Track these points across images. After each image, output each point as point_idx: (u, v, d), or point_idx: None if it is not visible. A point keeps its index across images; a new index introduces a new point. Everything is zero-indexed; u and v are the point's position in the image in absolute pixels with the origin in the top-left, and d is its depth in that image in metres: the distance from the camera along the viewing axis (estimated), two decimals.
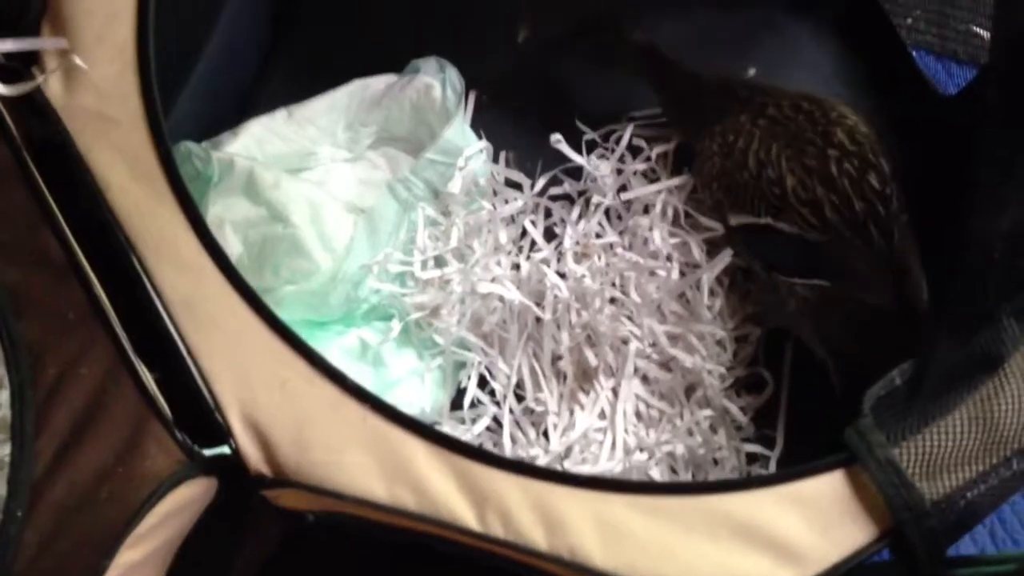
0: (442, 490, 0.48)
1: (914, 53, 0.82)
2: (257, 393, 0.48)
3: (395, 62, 0.80)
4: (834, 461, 0.50)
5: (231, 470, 0.49)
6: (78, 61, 0.51)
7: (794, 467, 0.49)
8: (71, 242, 0.48)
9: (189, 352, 0.48)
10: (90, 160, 0.51)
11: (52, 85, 0.52)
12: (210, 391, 0.48)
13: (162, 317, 0.48)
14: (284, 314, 0.69)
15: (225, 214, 0.70)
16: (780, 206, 0.67)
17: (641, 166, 0.80)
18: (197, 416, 0.48)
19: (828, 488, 0.49)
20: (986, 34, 0.58)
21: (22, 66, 0.52)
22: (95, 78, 0.52)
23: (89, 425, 0.45)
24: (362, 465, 0.48)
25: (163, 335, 0.48)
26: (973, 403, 0.48)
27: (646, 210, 0.78)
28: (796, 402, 0.73)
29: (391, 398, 0.70)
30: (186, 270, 0.50)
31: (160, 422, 0.47)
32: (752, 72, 0.82)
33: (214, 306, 0.49)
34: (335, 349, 0.72)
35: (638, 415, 0.73)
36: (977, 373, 0.49)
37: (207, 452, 0.48)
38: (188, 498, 0.49)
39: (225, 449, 0.48)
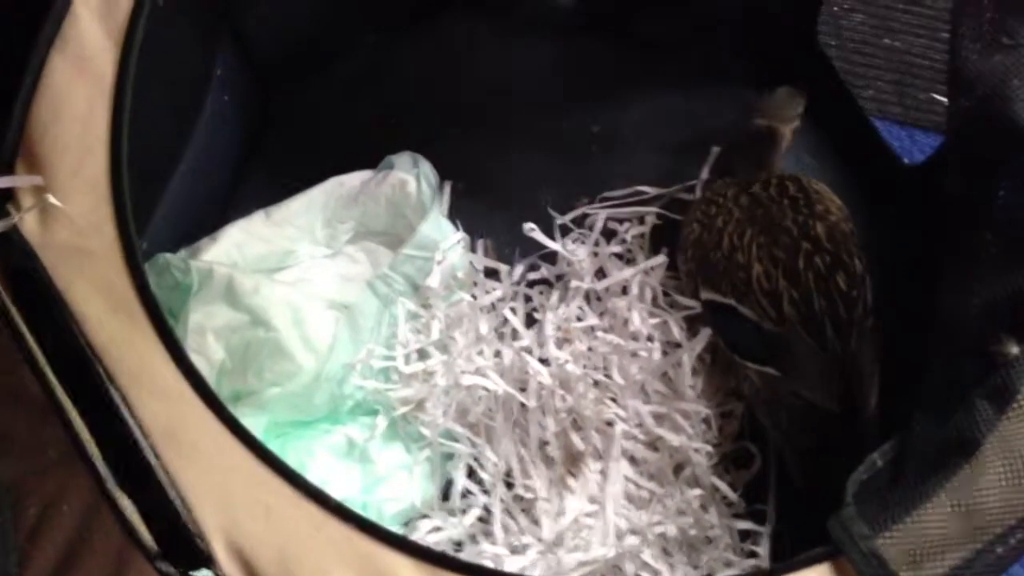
0: None
1: (878, 123, 0.84)
2: (240, 519, 0.48)
3: (369, 158, 0.82)
4: (820, 554, 0.50)
5: None
6: (53, 200, 0.52)
7: (780, 563, 0.49)
8: (50, 380, 0.48)
9: (171, 481, 0.48)
10: (67, 294, 0.51)
11: (28, 222, 0.53)
12: (193, 519, 0.48)
13: (143, 448, 0.48)
14: (269, 416, 0.70)
15: (206, 322, 0.70)
16: (744, 291, 0.68)
17: (617, 248, 0.81)
18: (181, 542, 0.48)
19: None
20: (963, 101, 0.60)
21: None
22: (70, 212, 0.52)
23: (72, 562, 0.45)
24: None
25: (145, 465, 0.49)
26: (953, 488, 0.48)
27: (624, 291, 0.79)
28: (786, 474, 0.73)
29: (380, 494, 0.71)
30: (166, 399, 0.50)
31: (142, 553, 0.47)
32: (716, 151, 0.84)
33: (195, 433, 0.50)
34: (321, 449, 0.72)
35: (628, 497, 0.73)
36: (955, 458, 0.49)
37: None
38: None
39: (209, 575, 0.48)
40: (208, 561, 0.48)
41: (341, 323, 0.73)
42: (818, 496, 0.54)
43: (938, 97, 0.85)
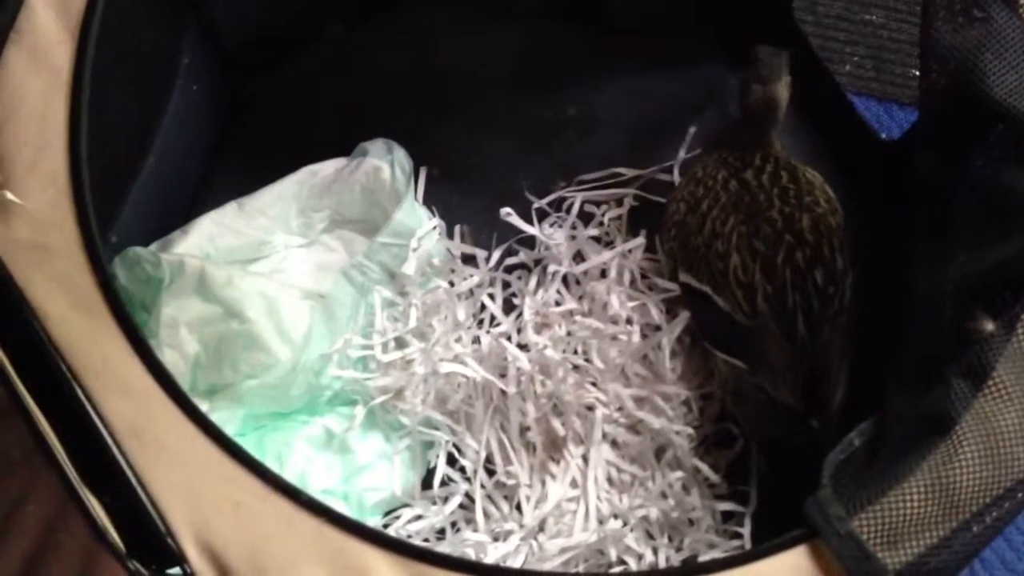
0: None
1: (855, 99, 0.83)
2: (210, 516, 0.48)
3: (342, 147, 0.81)
4: (797, 536, 0.50)
5: None
6: (11, 196, 0.51)
7: (756, 547, 0.49)
8: (13, 381, 0.48)
9: (138, 479, 0.48)
10: (28, 291, 0.50)
11: None
12: (162, 517, 0.48)
13: (109, 446, 0.48)
14: (246, 409, 0.70)
15: (179, 315, 0.69)
16: (720, 280, 0.68)
17: (594, 231, 0.80)
18: (150, 541, 0.48)
19: (792, 565, 0.49)
20: (936, 75, 0.59)
21: None
22: (29, 208, 0.52)
23: (40, 563, 0.45)
24: None
25: (111, 463, 0.48)
26: (929, 468, 0.48)
27: (603, 274, 0.79)
28: None
29: (360, 484, 0.71)
30: (131, 396, 0.49)
31: (112, 553, 0.46)
32: (692, 130, 0.83)
33: (162, 430, 0.49)
34: (300, 440, 0.71)
35: (610, 481, 0.73)
36: (931, 436, 0.49)
37: None
38: None
39: (180, 573, 0.48)
40: (179, 559, 0.47)
41: (317, 313, 0.72)
42: (783, 486, 0.54)
43: (916, 72, 0.85)
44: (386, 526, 0.71)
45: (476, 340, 0.76)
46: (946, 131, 0.59)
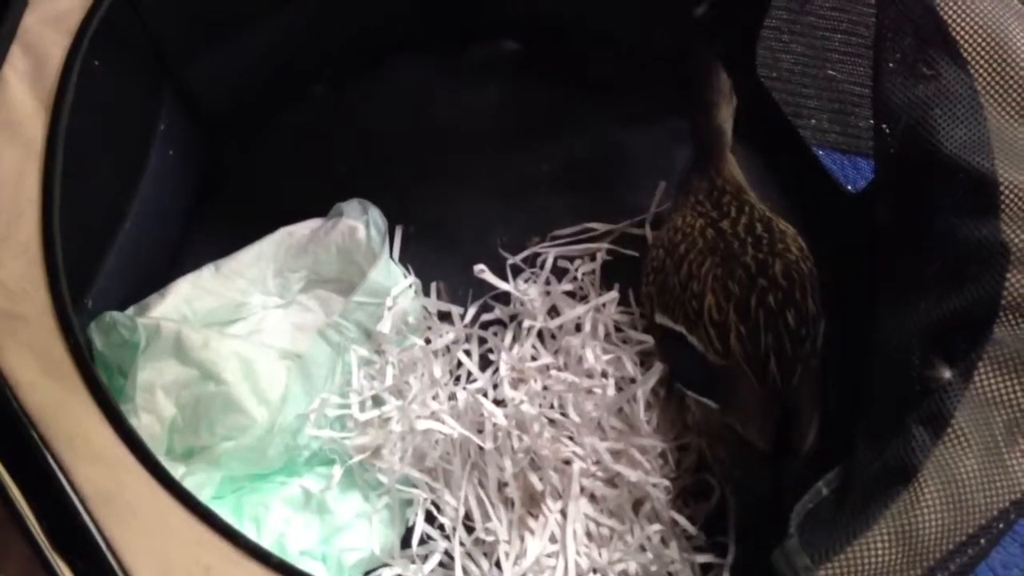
0: None
1: (821, 152, 0.85)
2: None
3: (319, 207, 0.82)
4: None
5: None
6: None
7: None
8: None
9: (108, 544, 0.48)
10: (0, 359, 0.51)
11: None
12: None
13: (79, 512, 0.48)
14: (223, 471, 0.70)
15: (155, 378, 0.69)
16: (695, 321, 0.69)
17: (568, 286, 0.81)
18: None
19: None
20: (888, 130, 0.61)
21: None
22: (2, 277, 0.52)
23: None
24: None
25: (81, 529, 0.48)
26: (892, 516, 0.49)
27: (578, 328, 0.80)
28: None
29: (339, 544, 0.71)
30: (102, 462, 0.50)
31: None
32: (663, 185, 0.84)
33: (132, 495, 0.49)
34: (277, 501, 0.71)
35: (588, 535, 0.73)
36: (894, 484, 0.50)
37: None
38: None
39: None
40: None
41: (293, 373, 0.73)
42: (753, 530, 0.54)
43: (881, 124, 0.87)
44: None
45: (453, 397, 0.77)
46: (901, 184, 0.60)
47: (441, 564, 0.72)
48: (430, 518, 0.73)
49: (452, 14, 0.92)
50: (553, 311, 0.80)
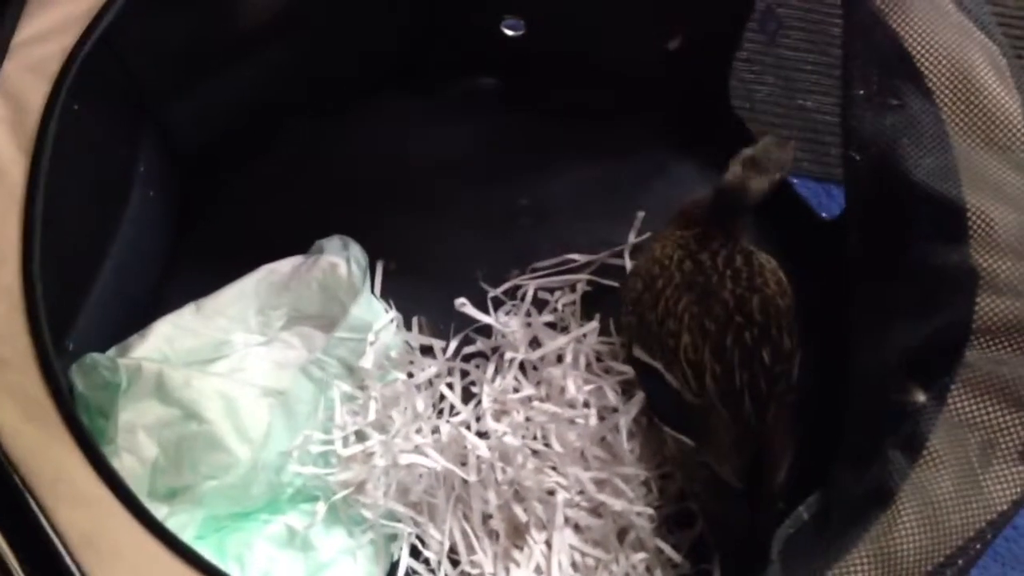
0: None
1: (795, 179, 0.86)
2: None
3: (299, 244, 0.82)
4: None
5: None
6: None
7: None
8: None
9: None
10: None
11: None
12: None
13: (63, 555, 0.48)
14: (206, 510, 0.70)
15: (137, 419, 0.69)
16: (671, 358, 0.69)
17: (549, 317, 0.82)
18: None
19: None
20: (858, 159, 0.62)
21: None
22: None
23: None
24: None
25: (65, 573, 0.48)
26: (871, 539, 0.49)
27: (559, 359, 0.80)
28: None
29: None
30: (85, 505, 0.50)
31: None
32: (641, 215, 0.85)
33: (116, 538, 0.49)
34: (261, 540, 0.71)
35: (574, 566, 0.73)
36: (873, 508, 0.50)
37: None
38: None
39: None
40: None
41: (276, 410, 0.73)
42: (732, 558, 0.55)
43: (851, 153, 0.88)
44: None
45: (436, 430, 0.77)
46: (872, 212, 0.61)
47: None
48: (415, 552, 0.73)
49: (428, 51, 0.93)
50: (534, 343, 0.81)
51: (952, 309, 0.54)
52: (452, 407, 0.79)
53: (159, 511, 0.66)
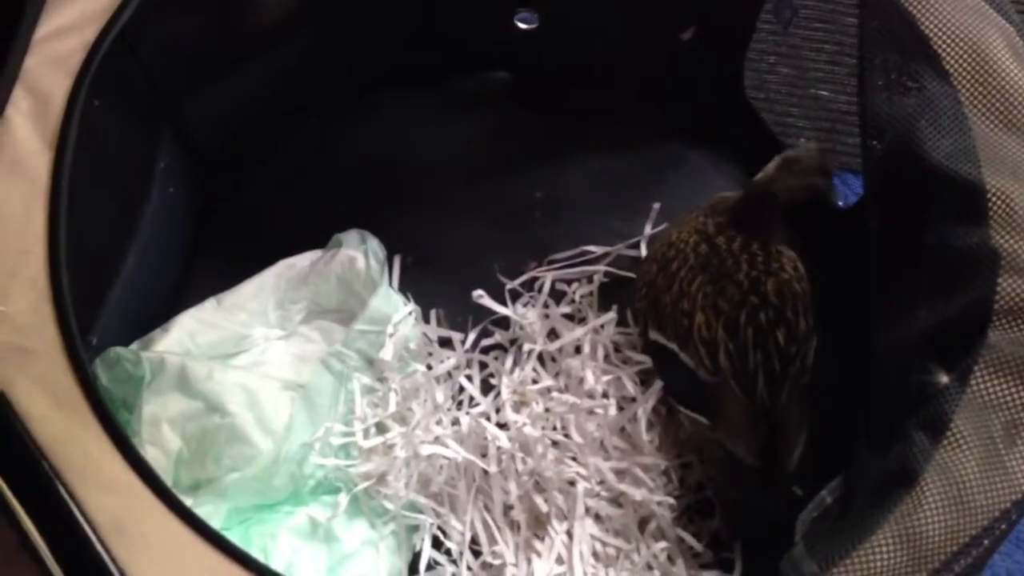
0: None
1: None
2: None
3: (318, 238, 0.83)
4: None
5: None
6: None
7: None
8: None
9: (122, 573, 0.48)
10: (10, 393, 0.52)
11: None
12: None
13: (92, 543, 0.48)
14: (230, 502, 0.70)
15: (161, 412, 0.70)
16: (685, 338, 0.69)
17: (566, 309, 0.82)
18: None
19: None
20: (876, 144, 0.62)
21: None
22: (10, 313, 0.53)
23: None
24: None
25: (95, 560, 0.48)
26: (896, 520, 0.49)
27: (577, 350, 0.80)
28: None
29: (346, 572, 0.71)
30: (113, 491, 0.50)
31: None
32: (656, 207, 0.86)
33: (144, 524, 0.50)
34: (284, 531, 0.72)
35: (595, 555, 0.73)
36: (897, 489, 0.50)
37: None
38: None
39: None
40: None
41: (297, 403, 0.73)
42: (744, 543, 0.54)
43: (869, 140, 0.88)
44: None
45: (456, 421, 0.77)
46: (892, 196, 0.61)
47: None
48: (437, 543, 0.74)
49: (442, 46, 0.93)
50: (552, 334, 0.81)
51: (974, 290, 0.54)
52: (471, 399, 0.79)
53: (183, 503, 0.66)
